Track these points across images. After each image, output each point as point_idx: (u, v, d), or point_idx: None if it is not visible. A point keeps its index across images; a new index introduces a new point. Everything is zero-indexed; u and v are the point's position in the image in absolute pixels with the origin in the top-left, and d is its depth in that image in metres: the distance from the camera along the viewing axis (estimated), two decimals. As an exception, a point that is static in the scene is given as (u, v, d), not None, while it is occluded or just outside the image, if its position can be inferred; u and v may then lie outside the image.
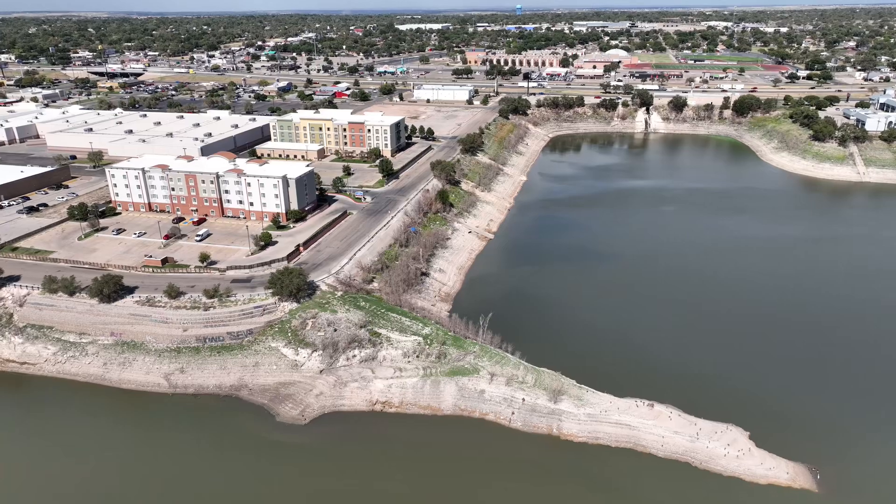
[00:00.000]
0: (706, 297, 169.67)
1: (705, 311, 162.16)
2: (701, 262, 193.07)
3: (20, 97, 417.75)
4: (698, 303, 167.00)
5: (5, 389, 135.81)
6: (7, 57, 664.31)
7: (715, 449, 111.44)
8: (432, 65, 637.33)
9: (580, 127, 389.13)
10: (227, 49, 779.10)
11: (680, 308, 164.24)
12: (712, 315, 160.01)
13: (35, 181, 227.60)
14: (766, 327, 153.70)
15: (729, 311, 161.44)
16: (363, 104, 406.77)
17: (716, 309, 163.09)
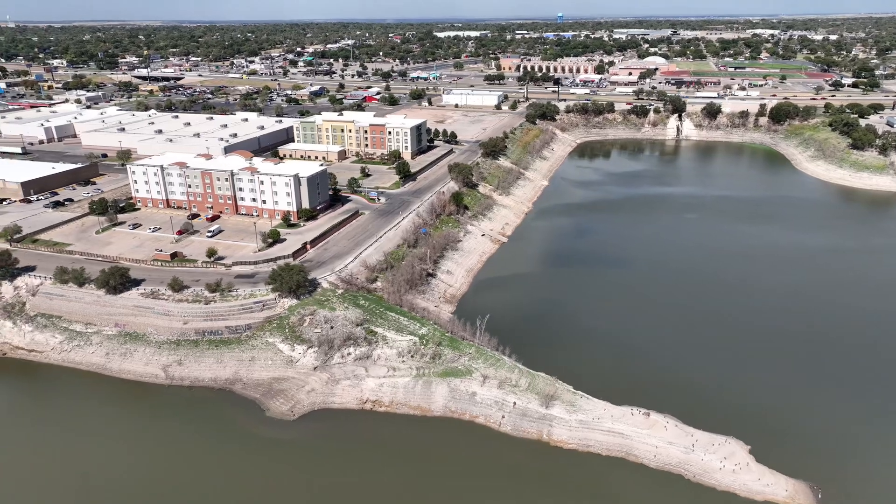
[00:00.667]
0: (719, 307, 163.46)
1: (716, 321, 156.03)
2: (717, 270, 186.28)
3: (65, 99, 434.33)
4: (710, 312, 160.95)
5: (12, 375, 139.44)
6: (59, 62, 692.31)
7: (710, 462, 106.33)
8: (466, 71, 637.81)
9: (609, 133, 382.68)
10: (267, 55, 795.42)
11: (690, 317, 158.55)
12: (723, 325, 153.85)
13: (64, 177, 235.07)
14: (780, 340, 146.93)
15: (742, 322, 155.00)
16: (392, 108, 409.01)
17: (728, 319, 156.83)
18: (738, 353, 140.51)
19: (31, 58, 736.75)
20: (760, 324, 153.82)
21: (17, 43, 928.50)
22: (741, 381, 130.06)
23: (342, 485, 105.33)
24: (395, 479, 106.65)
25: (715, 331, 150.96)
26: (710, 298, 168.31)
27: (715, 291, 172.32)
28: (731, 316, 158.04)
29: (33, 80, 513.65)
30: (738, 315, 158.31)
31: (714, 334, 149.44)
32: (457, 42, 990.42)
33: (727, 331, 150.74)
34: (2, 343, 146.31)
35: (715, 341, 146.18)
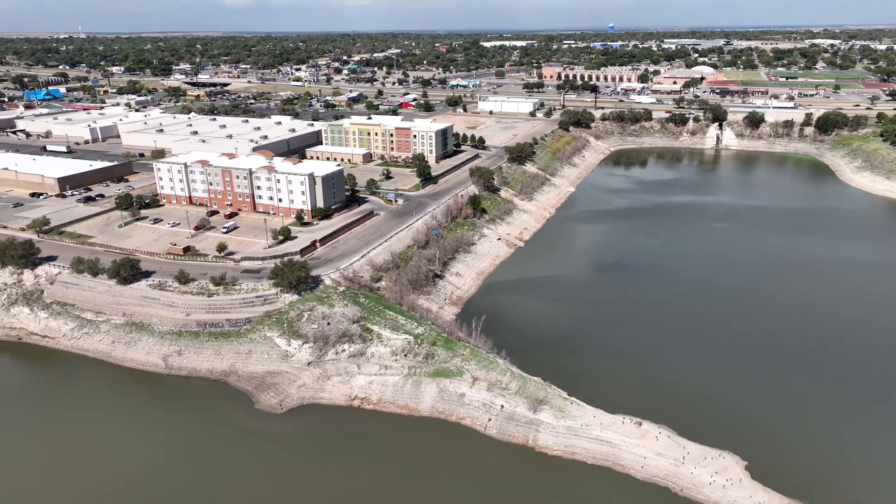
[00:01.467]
0: (734, 318, 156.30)
1: (730, 333, 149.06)
2: (738, 281, 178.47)
3: (116, 102, 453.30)
4: (723, 323, 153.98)
5: (23, 360, 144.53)
6: (117, 69, 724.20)
7: (700, 476, 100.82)
8: (507, 79, 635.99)
9: (645, 141, 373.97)
10: (314, 63, 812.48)
11: (702, 328, 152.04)
12: (737, 337, 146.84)
13: (99, 174, 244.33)
14: (795, 355, 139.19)
15: (757, 335, 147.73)
16: (426, 114, 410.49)
17: (742, 331, 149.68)
18: (748, 367, 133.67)
19: (92, 65, 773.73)
20: (777, 337, 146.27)
21: (83, 52, 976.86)
22: (749, 396, 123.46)
23: (319, 478, 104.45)
24: (373, 476, 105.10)
25: (726, 343, 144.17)
26: (725, 310, 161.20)
27: (732, 302, 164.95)
28: (746, 328, 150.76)
29: (90, 86, 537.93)
30: (754, 328, 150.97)
31: (725, 346, 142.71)
32: (502, 51, 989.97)
33: (740, 343, 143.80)
34: (18, 328, 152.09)
35: (725, 353, 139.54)
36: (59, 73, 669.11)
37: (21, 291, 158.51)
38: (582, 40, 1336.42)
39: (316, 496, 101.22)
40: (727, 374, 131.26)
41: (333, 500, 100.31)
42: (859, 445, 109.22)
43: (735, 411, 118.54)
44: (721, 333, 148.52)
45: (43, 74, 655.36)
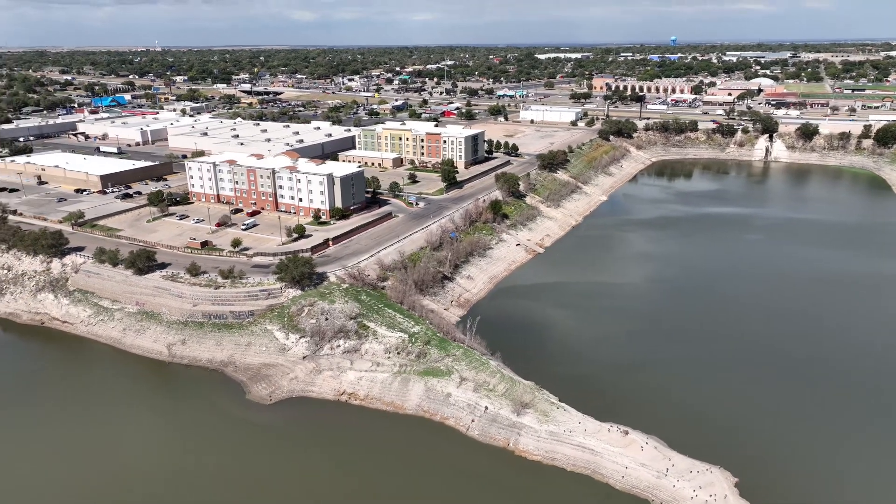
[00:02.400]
0: (747, 332, 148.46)
1: (739, 347, 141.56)
2: (760, 293, 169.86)
3: (174, 109, 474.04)
4: (734, 337, 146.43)
5: (41, 343, 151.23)
6: (181, 78, 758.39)
7: (682, 489, 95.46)
8: (555, 90, 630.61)
9: (689, 152, 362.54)
10: (367, 74, 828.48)
11: (711, 341, 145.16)
12: (746, 351, 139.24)
13: (140, 173, 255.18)
14: (808, 373, 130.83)
15: (770, 350, 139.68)
16: (467, 122, 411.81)
17: (753, 345, 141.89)
18: (756, 384, 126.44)
19: (158, 74, 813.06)
20: (793, 355, 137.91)
21: (154, 63, 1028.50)
22: (753, 414, 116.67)
23: (293, 469, 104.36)
24: (348, 471, 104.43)
25: (736, 358, 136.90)
26: (740, 324, 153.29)
27: (748, 316, 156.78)
28: (758, 342, 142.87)
29: (152, 93, 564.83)
30: (766, 342, 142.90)
31: (734, 362, 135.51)
32: (555, 63, 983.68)
33: (750, 359, 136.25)
34: (42, 313, 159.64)
35: (733, 369, 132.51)
36: (127, 81, 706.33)
37: (48, 279, 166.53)
38: (640, 53, 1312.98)
39: (287, 486, 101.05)
40: (733, 389, 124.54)
41: (304, 491, 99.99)
42: (860, 472, 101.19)
43: (736, 428, 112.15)
44: (732, 348, 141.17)
45: (113, 83, 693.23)
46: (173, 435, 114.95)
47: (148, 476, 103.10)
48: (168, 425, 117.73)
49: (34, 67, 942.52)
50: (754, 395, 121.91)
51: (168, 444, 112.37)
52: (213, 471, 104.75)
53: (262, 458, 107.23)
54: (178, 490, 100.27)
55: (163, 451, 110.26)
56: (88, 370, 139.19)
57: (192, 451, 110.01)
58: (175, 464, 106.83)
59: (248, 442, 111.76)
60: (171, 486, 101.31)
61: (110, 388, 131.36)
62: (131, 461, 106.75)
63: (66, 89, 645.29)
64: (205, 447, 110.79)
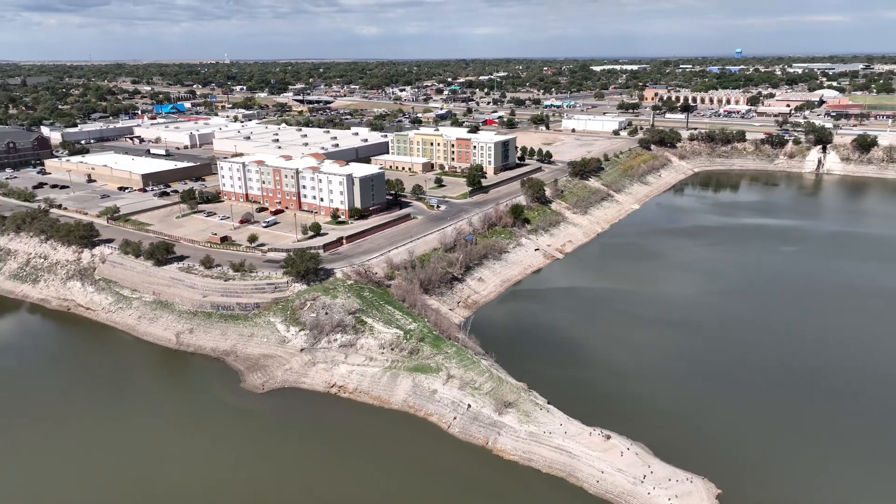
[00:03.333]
0: (757, 343, 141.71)
1: (746, 359, 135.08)
2: (774, 305, 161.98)
3: (227, 115, 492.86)
4: (743, 348, 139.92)
5: (64, 327, 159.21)
6: (240, 87, 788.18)
7: (656, 497, 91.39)
8: (605, 101, 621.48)
9: (735, 163, 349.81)
10: (420, 84, 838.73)
11: (719, 351, 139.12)
12: (753, 364, 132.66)
13: (179, 173, 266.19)
14: (813, 389, 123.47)
15: (779, 365, 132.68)
16: (508, 131, 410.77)
17: (761, 357, 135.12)
18: (758, 397, 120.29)
19: (220, 84, 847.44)
20: (795, 368, 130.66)
21: (218, 74, 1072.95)
22: (749, 426, 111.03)
23: (272, 456, 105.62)
24: (321, 460, 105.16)
25: (739, 369, 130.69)
26: (749, 333, 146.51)
27: (758, 327, 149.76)
28: (766, 355, 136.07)
29: (209, 101, 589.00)
30: (774, 356, 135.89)
31: (737, 373, 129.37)
32: (609, 74, 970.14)
33: (753, 371, 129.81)
34: (69, 300, 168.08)
35: (736, 381, 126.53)
36: (189, 91, 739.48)
37: (78, 268, 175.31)
38: (703, 65, 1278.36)
39: (257, 471, 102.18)
40: (733, 403, 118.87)
41: (272, 477, 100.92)
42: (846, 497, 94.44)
43: (729, 441, 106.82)
44: (738, 360, 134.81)
45: (176, 92, 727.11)
46: (165, 417, 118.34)
47: (134, 453, 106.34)
48: (161, 408, 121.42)
49: (109, 78, 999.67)
50: (755, 409, 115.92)
51: (158, 425, 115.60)
52: (194, 452, 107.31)
53: (242, 443, 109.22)
54: (158, 467, 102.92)
55: (153, 431, 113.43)
56: (100, 354, 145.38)
57: (179, 432, 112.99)
58: (161, 444, 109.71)
59: (231, 427, 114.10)
60: (152, 463, 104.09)
61: (116, 371, 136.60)
62: (122, 439, 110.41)
63: (133, 97, 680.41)
64: (191, 430, 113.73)
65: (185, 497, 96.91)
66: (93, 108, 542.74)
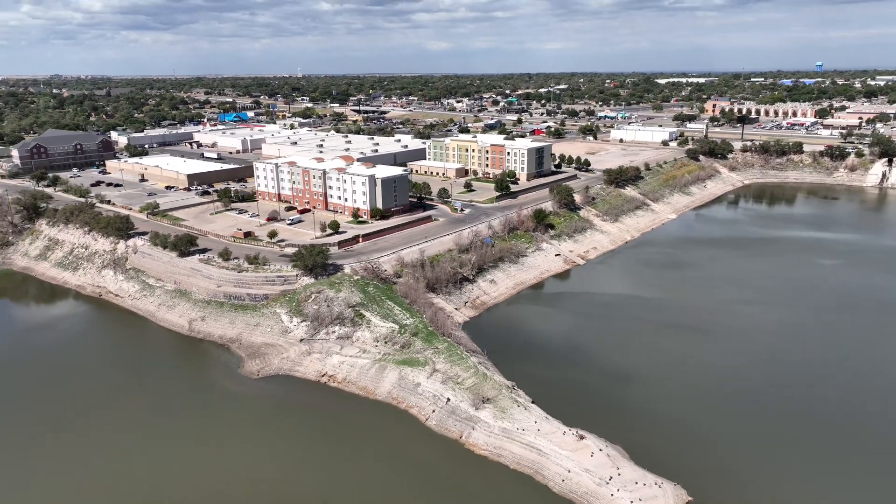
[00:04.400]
0: (771, 357, 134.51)
1: (757, 370, 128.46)
2: (802, 319, 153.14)
3: (285, 123, 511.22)
4: (756, 359, 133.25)
5: (95, 311, 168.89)
6: (303, 98, 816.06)
7: (619, 499, 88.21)
8: (663, 113, 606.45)
9: (790, 176, 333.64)
10: (478, 96, 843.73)
11: (729, 362, 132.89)
12: (755, 376, 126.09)
13: (224, 174, 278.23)
14: (813, 407, 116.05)
15: (784, 379, 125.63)
16: (553, 140, 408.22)
17: (773, 372, 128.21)
18: (754, 410, 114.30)
19: (285, 95, 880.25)
20: (806, 385, 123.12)
21: (285, 86, 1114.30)
22: (742, 441, 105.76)
23: (251, 438, 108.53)
24: (295, 445, 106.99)
25: (739, 380, 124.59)
26: (765, 345, 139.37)
27: (769, 340, 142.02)
28: (777, 370, 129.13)
29: (270, 110, 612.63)
30: (786, 371, 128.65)
31: (737, 384, 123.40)
32: (673, 87, 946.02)
33: (761, 385, 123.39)
34: (102, 287, 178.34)
35: (735, 392, 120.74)
36: (256, 100, 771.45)
37: (112, 257, 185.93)
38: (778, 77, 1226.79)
39: (238, 451, 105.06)
40: (728, 415, 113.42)
41: (251, 459, 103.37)
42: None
43: (716, 452, 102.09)
44: (740, 370, 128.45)
45: (243, 102, 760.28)
46: (163, 396, 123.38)
47: (129, 426, 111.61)
48: (161, 388, 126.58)
49: (185, 89, 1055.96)
50: (751, 422, 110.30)
51: (156, 404, 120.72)
52: (182, 429, 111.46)
53: (227, 423, 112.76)
54: (146, 439, 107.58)
55: (150, 409, 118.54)
56: (119, 338, 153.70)
57: (172, 411, 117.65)
58: (155, 420, 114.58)
59: (220, 408, 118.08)
60: (143, 437, 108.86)
61: (129, 353, 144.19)
62: (121, 413, 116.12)
63: (203, 107, 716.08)
64: (184, 409, 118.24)
65: (159, 469, 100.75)
66: (163, 116, 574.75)
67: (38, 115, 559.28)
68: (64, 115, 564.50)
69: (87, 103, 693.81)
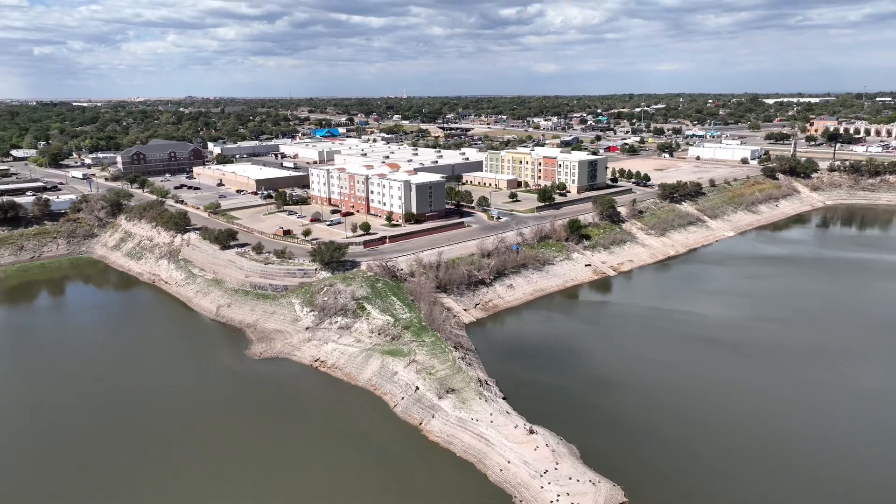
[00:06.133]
0: (772, 375, 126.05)
1: (756, 387, 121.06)
2: (810, 335, 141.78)
3: (369, 138, 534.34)
4: (759, 376, 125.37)
5: (146, 294, 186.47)
6: (397, 116, 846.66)
7: (546, 492, 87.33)
8: (760, 132, 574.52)
9: (881, 197, 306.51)
10: (568, 115, 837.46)
11: (732, 376, 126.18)
12: (757, 394, 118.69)
13: (290, 180, 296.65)
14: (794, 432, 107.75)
15: (783, 396, 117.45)
16: (627, 157, 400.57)
17: (769, 389, 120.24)
18: (744, 430, 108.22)
19: (380, 113, 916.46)
20: (790, 403, 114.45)
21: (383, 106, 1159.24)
22: (712, 456, 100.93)
23: (231, 410, 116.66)
24: (272, 419, 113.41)
25: (743, 398, 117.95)
26: (773, 363, 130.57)
27: (788, 358, 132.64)
28: (775, 387, 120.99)
29: (359, 126, 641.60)
30: (784, 389, 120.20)
31: (742, 401, 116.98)
32: (781, 107, 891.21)
33: (755, 403, 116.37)
34: (156, 275, 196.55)
35: (736, 408, 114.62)
36: (350, 118, 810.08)
37: (169, 249, 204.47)
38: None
39: (218, 417, 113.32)
40: (713, 430, 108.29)
41: (227, 426, 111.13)
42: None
43: (680, 462, 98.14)
44: (745, 387, 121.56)
45: (338, 119, 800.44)
46: (174, 367, 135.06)
47: (138, 388, 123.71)
48: (174, 360, 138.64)
49: (291, 108, 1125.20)
50: (735, 445, 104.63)
51: (167, 373, 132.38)
52: (177, 393, 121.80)
53: (213, 392, 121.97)
54: (147, 399, 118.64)
55: (161, 376, 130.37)
56: (156, 319, 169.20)
57: (170, 377, 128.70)
58: (162, 384, 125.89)
59: (213, 380, 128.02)
60: (146, 397, 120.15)
61: (156, 331, 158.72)
62: (137, 375, 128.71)
63: (302, 124, 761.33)
64: (186, 379, 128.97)
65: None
66: (262, 130, 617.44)
67: (156, 129, 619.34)
68: (178, 129, 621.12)
69: (200, 119, 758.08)
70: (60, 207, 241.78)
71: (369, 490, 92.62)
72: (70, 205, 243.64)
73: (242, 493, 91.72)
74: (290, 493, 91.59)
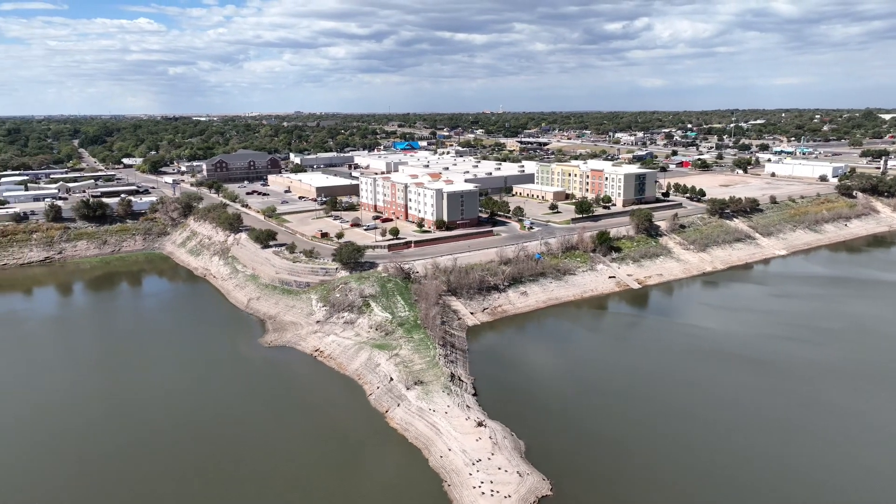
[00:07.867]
0: (771, 391, 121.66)
1: (749, 405, 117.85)
2: (831, 355, 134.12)
3: (444, 151, 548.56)
4: (755, 394, 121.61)
5: (194, 286, 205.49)
6: (480, 130, 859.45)
7: (472, 479, 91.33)
8: (862, 148, 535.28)
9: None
10: (653, 130, 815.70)
11: (737, 398, 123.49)
12: (745, 409, 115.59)
13: (347, 189, 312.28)
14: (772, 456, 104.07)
15: (780, 414, 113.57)
16: (697, 172, 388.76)
17: (761, 405, 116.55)
18: (717, 444, 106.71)
19: (464, 127, 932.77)
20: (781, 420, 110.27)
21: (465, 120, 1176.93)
22: (665, 466, 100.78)
23: (231, 391, 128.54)
24: (263, 398, 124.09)
25: (739, 415, 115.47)
26: (773, 382, 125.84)
27: (785, 375, 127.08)
28: (771, 402, 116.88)
29: (437, 140, 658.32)
30: (783, 406, 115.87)
31: (738, 419, 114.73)
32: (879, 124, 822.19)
33: (743, 419, 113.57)
34: (206, 269, 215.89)
35: (729, 424, 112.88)
36: (432, 131, 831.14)
37: (222, 247, 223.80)
38: None
39: (217, 392, 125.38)
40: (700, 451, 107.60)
41: (222, 401, 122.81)
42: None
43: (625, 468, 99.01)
44: (735, 401, 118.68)
45: (421, 133, 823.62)
46: (194, 350, 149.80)
47: (156, 351, 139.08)
48: (195, 342, 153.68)
49: (382, 122, 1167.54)
50: (722, 464, 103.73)
51: (182, 347, 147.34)
52: (183, 376, 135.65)
53: (217, 370, 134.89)
54: (163, 376, 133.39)
55: (179, 350, 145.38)
56: (196, 307, 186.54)
57: (190, 353, 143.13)
58: (173, 370, 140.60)
59: (224, 361, 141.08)
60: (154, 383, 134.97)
61: (192, 316, 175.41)
62: (155, 345, 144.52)
63: (388, 137, 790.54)
64: (199, 360, 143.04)
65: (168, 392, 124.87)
66: (347, 143, 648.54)
67: (253, 141, 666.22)
68: (271, 141, 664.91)
69: (295, 132, 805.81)
70: (141, 208, 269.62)
71: (322, 466, 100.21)
72: (149, 206, 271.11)
73: (202, 452, 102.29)
74: (251, 464, 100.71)
